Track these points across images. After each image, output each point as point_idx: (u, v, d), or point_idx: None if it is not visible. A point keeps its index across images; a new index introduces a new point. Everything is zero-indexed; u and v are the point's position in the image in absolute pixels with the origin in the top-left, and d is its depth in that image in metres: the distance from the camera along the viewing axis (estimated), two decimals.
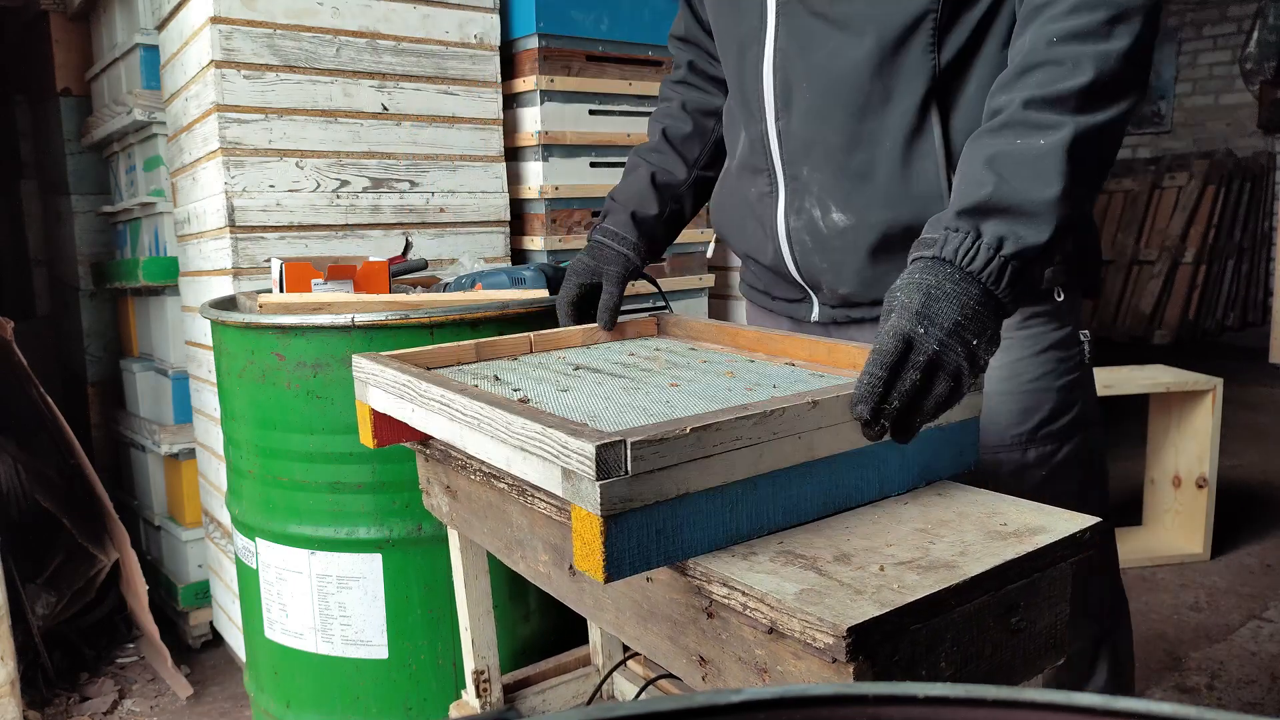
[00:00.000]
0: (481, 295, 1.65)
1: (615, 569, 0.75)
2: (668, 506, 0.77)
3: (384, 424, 1.13)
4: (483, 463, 1.06)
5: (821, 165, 1.12)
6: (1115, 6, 0.90)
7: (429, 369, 1.10)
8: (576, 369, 1.13)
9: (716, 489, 0.80)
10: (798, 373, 1.07)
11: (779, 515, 0.85)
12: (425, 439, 1.16)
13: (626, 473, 0.74)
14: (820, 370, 1.08)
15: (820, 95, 1.09)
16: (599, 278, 1.29)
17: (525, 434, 0.81)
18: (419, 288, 1.86)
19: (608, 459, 0.73)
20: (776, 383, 1.02)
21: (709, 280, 2.61)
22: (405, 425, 1.08)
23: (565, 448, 0.76)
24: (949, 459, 0.96)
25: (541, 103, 2.26)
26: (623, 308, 1.31)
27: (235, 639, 2.25)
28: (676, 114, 1.39)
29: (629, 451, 0.74)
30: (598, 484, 0.73)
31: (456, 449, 1.08)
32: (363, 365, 1.12)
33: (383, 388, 1.08)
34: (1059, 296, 1.15)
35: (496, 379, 1.09)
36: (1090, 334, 1.20)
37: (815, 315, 1.24)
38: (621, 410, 0.93)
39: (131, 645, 2.53)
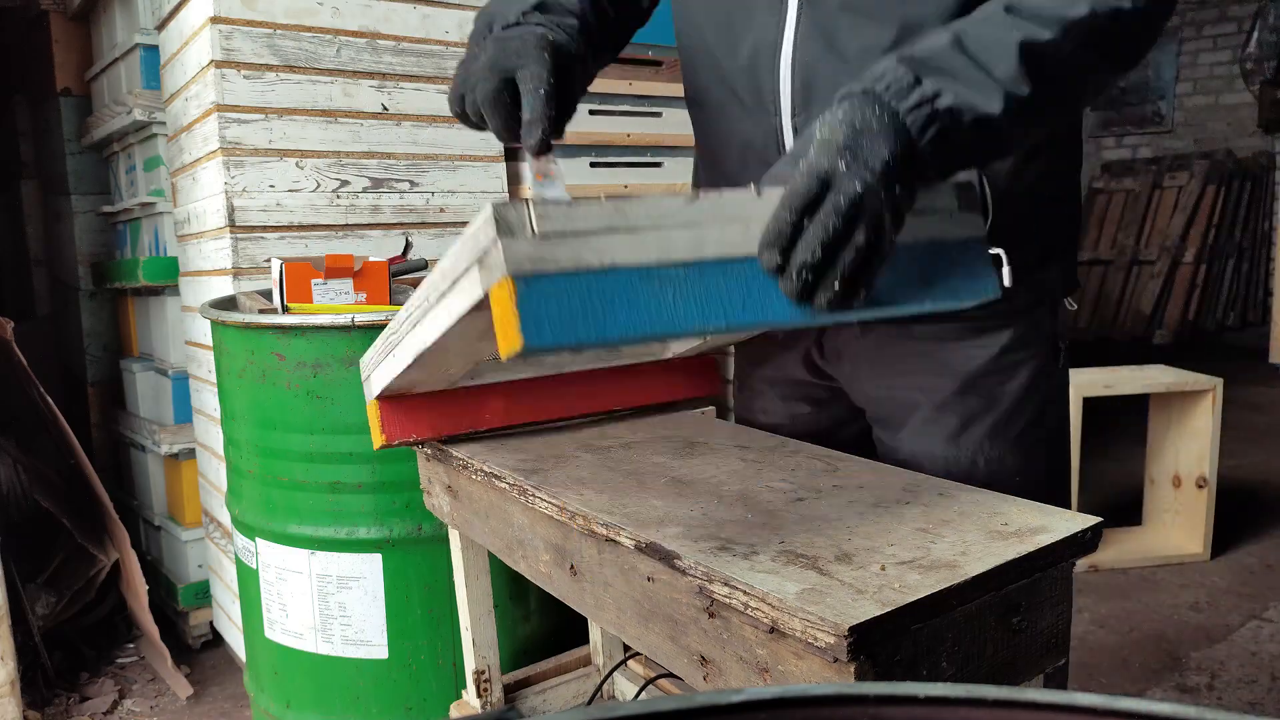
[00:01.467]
0: None
1: (535, 334, 0.68)
2: (592, 278, 0.71)
3: (392, 418, 1.10)
4: (495, 467, 1.05)
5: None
6: None
7: None
8: None
9: (650, 268, 0.74)
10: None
11: (738, 310, 0.76)
12: (434, 438, 1.15)
13: (533, 233, 0.69)
14: None
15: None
16: (516, 63, 0.92)
17: (453, 265, 0.76)
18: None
19: (509, 218, 0.69)
20: None
21: None
22: (413, 421, 1.05)
23: (475, 234, 0.71)
24: (960, 280, 0.87)
25: None
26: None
27: (235, 639, 2.25)
28: None
29: (532, 210, 0.69)
30: (499, 242, 0.68)
31: (480, 458, 1.06)
32: (367, 360, 1.10)
33: (376, 363, 1.05)
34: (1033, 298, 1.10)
35: None
36: (1065, 342, 1.14)
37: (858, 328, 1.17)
38: None
39: (131, 645, 2.53)
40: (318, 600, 1.58)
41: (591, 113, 2.34)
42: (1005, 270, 0.97)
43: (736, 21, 1.10)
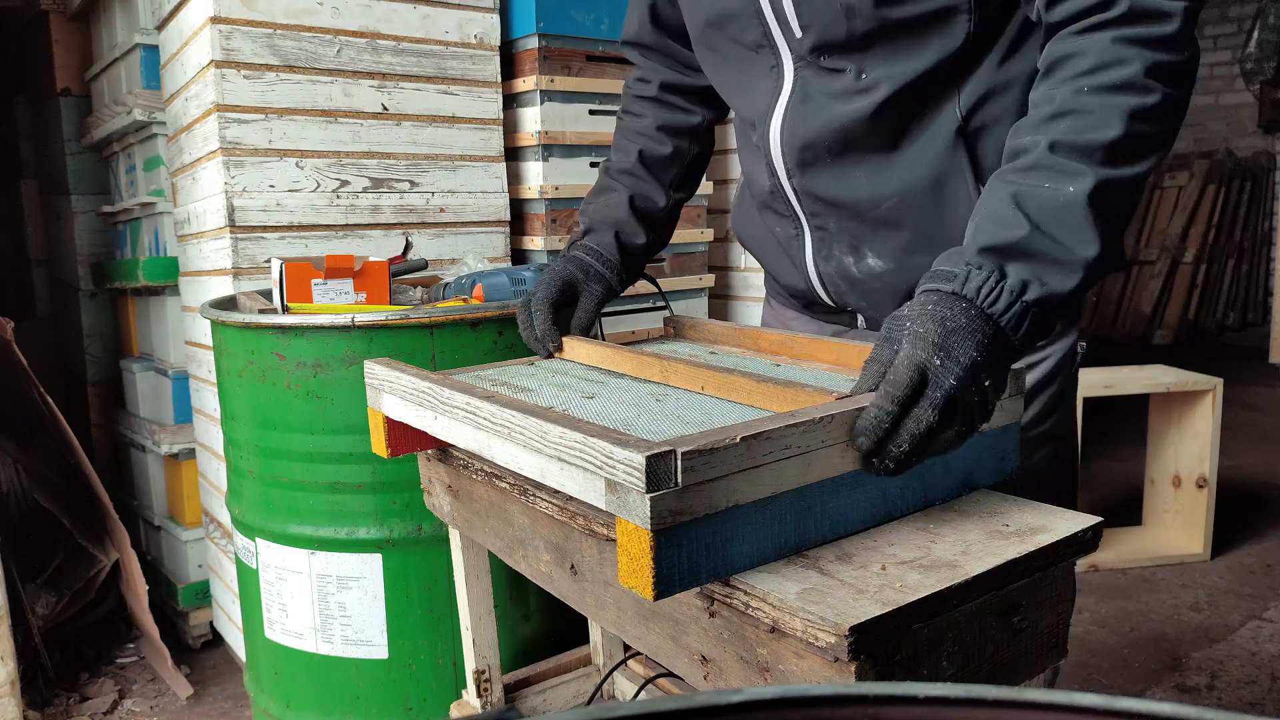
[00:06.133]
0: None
1: (665, 586, 0.72)
2: (717, 519, 0.74)
3: (399, 432, 1.09)
4: (497, 466, 1.05)
5: (847, 217, 1.10)
6: (1147, 61, 0.85)
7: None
8: (599, 375, 1.11)
9: (765, 500, 0.77)
10: (831, 378, 1.05)
11: (826, 527, 0.82)
12: (444, 447, 1.14)
13: (677, 484, 0.70)
14: (852, 375, 1.06)
15: (837, 151, 1.07)
16: (578, 291, 1.23)
17: (564, 443, 0.78)
18: (419, 288, 1.86)
19: (658, 470, 0.69)
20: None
21: (709, 280, 2.61)
22: (421, 434, 1.04)
23: (610, 458, 0.72)
24: (991, 467, 0.94)
25: (541, 103, 2.26)
26: (622, 308, 1.28)
27: (235, 639, 2.25)
28: (652, 134, 1.30)
29: (679, 462, 0.70)
30: (648, 496, 0.69)
31: (481, 458, 1.05)
32: (376, 371, 1.08)
33: (399, 394, 1.04)
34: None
35: (518, 386, 1.07)
36: (1084, 344, 1.17)
37: (862, 324, 1.22)
38: (656, 419, 0.90)
39: (131, 645, 2.53)
40: (318, 600, 1.58)
41: (591, 113, 2.34)
42: None
43: (744, 82, 1.14)
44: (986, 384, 0.81)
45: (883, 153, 1.05)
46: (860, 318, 1.21)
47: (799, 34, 1.03)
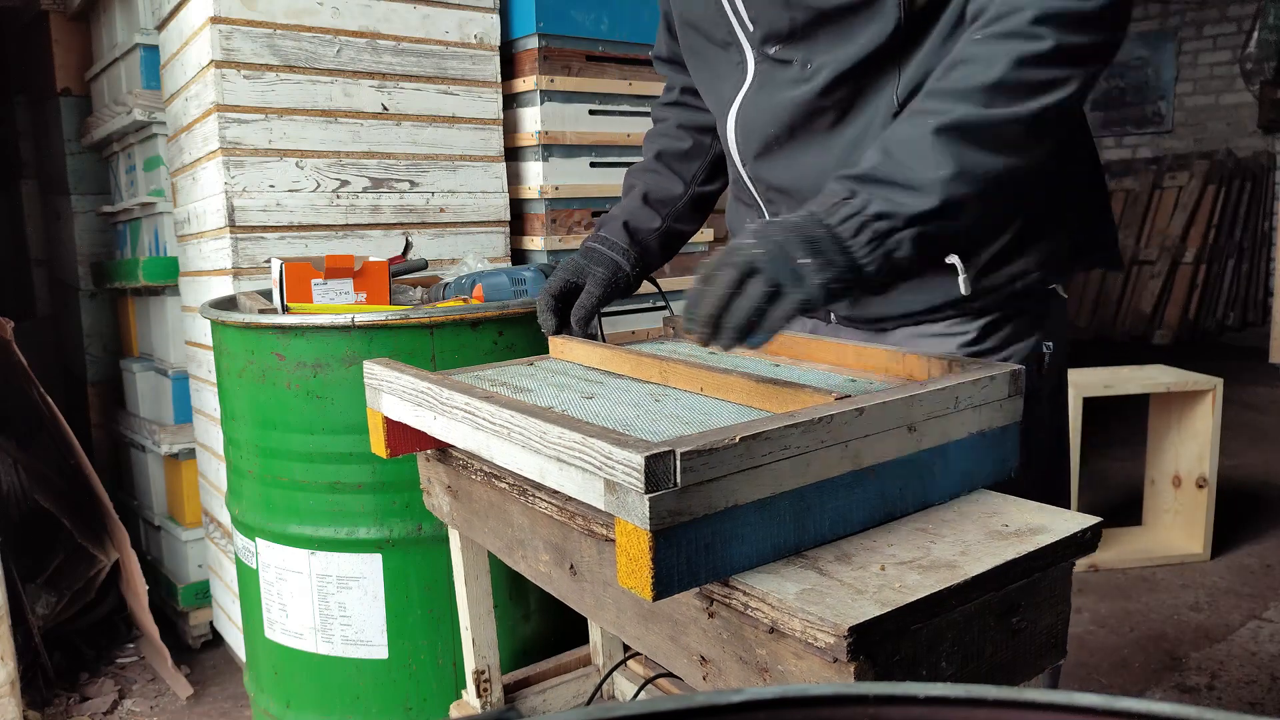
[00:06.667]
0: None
1: (664, 587, 0.72)
2: (716, 520, 0.74)
3: (398, 433, 1.09)
4: (496, 467, 1.05)
5: (798, 204, 1.11)
6: (1039, 9, 0.88)
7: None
8: (598, 376, 1.11)
9: (764, 501, 0.77)
10: (830, 378, 1.05)
11: (825, 527, 0.82)
12: (443, 447, 1.15)
13: (675, 485, 0.71)
14: (851, 374, 1.07)
15: (785, 137, 1.11)
16: (584, 278, 1.26)
17: (563, 444, 0.78)
18: (419, 288, 1.86)
19: (657, 470, 0.69)
20: None
21: None
22: (421, 434, 1.04)
23: (609, 458, 0.72)
24: (990, 467, 0.94)
25: (541, 103, 2.26)
26: (623, 308, 1.28)
27: (235, 639, 2.25)
28: (671, 132, 1.37)
29: (678, 463, 0.70)
30: (646, 497, 0.69)
31: (480, 458, 1.05)
32: (375, 371, 1.08)
33: (398, 395, 1.04)
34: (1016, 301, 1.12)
35: (517, 386, 1.07)
36: (1051, 344, 1.13)
37: (833, 319, 1.24)
38: (655, 419, 0.90)
39: (131, 645, 2.53)
40: (318, 600, 1.58)
41: (591, 113, 2.34)
42: (961, 278, 1.03)
43: (714, 79, 1.21)
44: (802, 261, 0.85)
45: (826, 138, 1.09)
46: (831, 312, 1.23)
47: (751, 28, 1.09)
